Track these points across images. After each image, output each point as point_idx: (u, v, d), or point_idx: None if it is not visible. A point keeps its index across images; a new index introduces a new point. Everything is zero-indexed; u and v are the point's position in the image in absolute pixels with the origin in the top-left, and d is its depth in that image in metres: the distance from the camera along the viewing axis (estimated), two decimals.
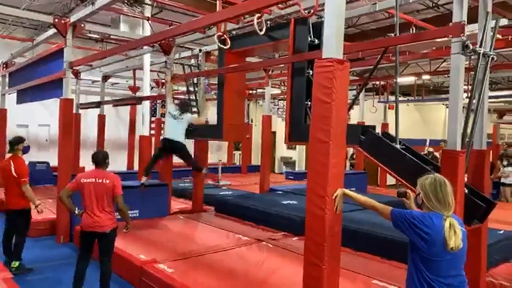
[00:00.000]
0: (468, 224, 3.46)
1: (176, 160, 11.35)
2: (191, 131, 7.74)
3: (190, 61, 8.57)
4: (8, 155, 5.58)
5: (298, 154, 17.72)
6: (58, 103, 6.82)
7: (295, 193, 8.87)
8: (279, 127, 15.70)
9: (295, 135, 5.56)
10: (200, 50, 8.19)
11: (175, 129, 6.83)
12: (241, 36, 6.59)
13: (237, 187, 11.09)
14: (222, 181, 11.70)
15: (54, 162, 11.51)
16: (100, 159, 4.38)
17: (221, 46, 5.42)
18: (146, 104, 9.33)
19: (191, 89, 8.27)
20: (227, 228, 6.51)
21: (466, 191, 3.86)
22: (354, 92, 10.75)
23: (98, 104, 10.55)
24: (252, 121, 16.38)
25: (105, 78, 12.14)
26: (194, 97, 8.25)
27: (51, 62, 7.31)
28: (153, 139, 10.90)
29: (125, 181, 7.16)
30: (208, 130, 7.53)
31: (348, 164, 14.29)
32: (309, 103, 5.41)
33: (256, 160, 16.65)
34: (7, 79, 10.56)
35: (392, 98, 12.56)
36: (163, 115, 9.73)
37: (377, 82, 12.14)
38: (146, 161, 9.17)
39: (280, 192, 9.26)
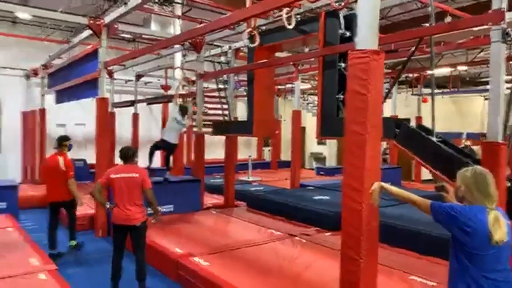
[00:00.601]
0: (511, 218, 3.34)
1: (208, 156, 11.53)
2: (222, 127, 7.84)
3: (220, 58, 8.65)
4: (52, 152, 6.06)
5: (329, 149, 17.56)
6: (92, 103, 7.04)
7: (327, 188, 8.81)
8: (309, 122, 15.60)
9: (327, 129, 5.52)
10: (229, 47, 8.25)
11: (174, 133, 7.22)
12: (270, 31, 6.59)
13: (267, 182, 11.12)
14: (252, 177, 11.75)
15: (90, 159, 12.01)
16: (129, 155, 4.51)
17: (250, 42, 5.43)
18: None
19: (221, 86, 8.37)
20: (259, 223, 6.54)
21: (508, 184, 3.73)
22: (387, 86, 10.54)
23: (132, 103, 10.81)
24: (281, 116, 16.33)
25: (138, 77, 12.39)
26: (223, 94, 8.34)
27: (86, 62, 7.54)
28: (185, 136, 11.10)
29: (160, 177, 7.38)
30: (238, 126, 7.59)
31: (380, 159, 14.02)
32: (341, 96, 5.36)
33: (285, 155, 16.61)
34: (46, 80, 10.98)
35: (425, 90, 12.24)
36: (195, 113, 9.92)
37: (410, 75, 11.83)
38: (176, 157, 9.37)
39: (311, 188, 9.21)
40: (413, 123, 6.89)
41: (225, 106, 8.35)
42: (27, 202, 8.88)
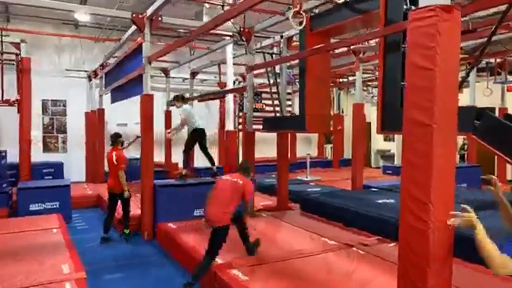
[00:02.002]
0: None
1: (261, 153, 10.96)
2: (273, 123, 7.23)
3: (272, 49, 8.04)
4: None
5: (397, 146, 16.19)
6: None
7: (393, 190, 7.84)
8: (375, 117, 14.49)
9: (389, 122, 4.68)
10: (281, 36, 7.60)
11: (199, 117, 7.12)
12: (323, 14, 5.86)
13: (327, 183, 10.32)
14: (310, 176, 11.00)
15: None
16: None
17: (297, 25, 4.74)
18: (230, 98, 9.04)
19: (273, 80, 7.77)
20: (312, 230, 5.84)
21: None
22: (463, 74, 9.23)
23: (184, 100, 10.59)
24: (343, 111, 15.32)
25: (193, 74, 12.20)
26: (275, 89, 7.72)
27: (133, 59, 7.34)
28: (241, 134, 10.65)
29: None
30: (289, 122, 6.94)
31: (457, 156, 12.54)
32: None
33: (349, 153, 15.59)
34: (103, 81, 11.13)
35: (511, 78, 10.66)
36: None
37: (492, 60, 10.32)
38: (233, 156, 8.91)
39: (375, 190, 8.28)
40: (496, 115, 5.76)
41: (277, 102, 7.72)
42: (83, 201, 8.99)
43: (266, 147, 10.99)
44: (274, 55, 7.90)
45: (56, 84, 12.86)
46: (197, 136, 6.98)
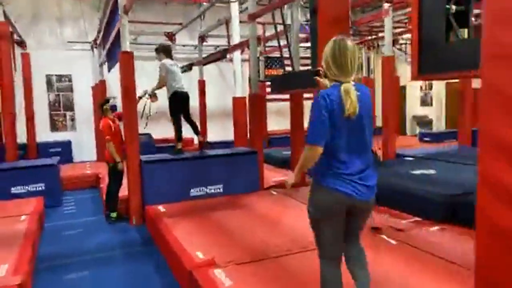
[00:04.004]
0: None
1: (275, 125, 9.70)
2: (281, 82, 5.98)
3: None
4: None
5: (435, 110, 14.50)
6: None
7: (432, 158, 6.50)
8: (409, 76, 12.85)
9: (430, 64, 3.34)
10: None
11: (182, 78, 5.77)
12: None
13: None
14: None
15: (158, 134, 11.09)
16: None
17: None
18: (237, 57, 7.82)
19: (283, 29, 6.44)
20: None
21: None
22: None
23: (189, 67, 9.47)
24: (372, 72, 13.68)
25: (202, 39, 11.00)
26: (286, 42, 6.40)
27: (115, 16, 6.22)
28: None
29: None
30: (301, 78, 5.66)
31: None
32: (454, 7, 3.17)
33: (380, 122, 14.12)
34: (101, 49, 10.17)
35: None
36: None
37: None
38: (240, 126, 7.75)
39: (411, 158, 6.95)
40: None
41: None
42: (80, 181, 8.18)
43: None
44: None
45: (59, 58, 12.05)
46: (178, 101, 5.64)
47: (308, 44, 9.94)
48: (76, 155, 11.98)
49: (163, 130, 10.49)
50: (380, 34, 11.85)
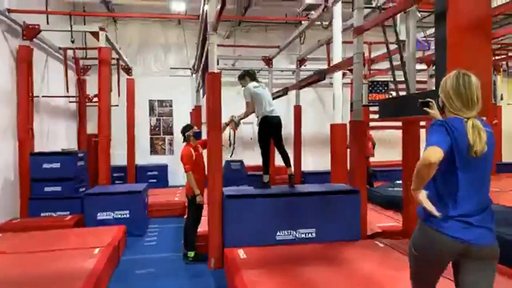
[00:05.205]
0: None
1: (379, 156, 8.66)
2: (393, 106, 4.91)
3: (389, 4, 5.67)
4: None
5: None
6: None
7: None
8: None
9: None
10: None
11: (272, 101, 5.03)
12: None
13: None
14: None
15: (255, 161, 10.55)
16: None
17: None
18: (337, 79, 6.94)
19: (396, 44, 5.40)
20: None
21: None
22: None
23: (285, 91, 8.81)
24: (502, 98, 11.58)
25: (300, 62, 10.33)
26: (400, 62, 5.32)
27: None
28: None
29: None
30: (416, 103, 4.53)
31: None
32: None
33: (509, 155, 11.82)
34: (199, 74, 10.05)
35: None
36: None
37: None
38: (339, 156, 6.80)
39: None
40: None
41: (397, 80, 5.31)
42: (169, 209, 7.87)
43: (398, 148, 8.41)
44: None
45: (162, 84, 12.45)
46: (267, 126, 4.94)
47: (422, 67, 8.71)
48: (171, 179, 12.01)
49: (257, 157, 9.97)
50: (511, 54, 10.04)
